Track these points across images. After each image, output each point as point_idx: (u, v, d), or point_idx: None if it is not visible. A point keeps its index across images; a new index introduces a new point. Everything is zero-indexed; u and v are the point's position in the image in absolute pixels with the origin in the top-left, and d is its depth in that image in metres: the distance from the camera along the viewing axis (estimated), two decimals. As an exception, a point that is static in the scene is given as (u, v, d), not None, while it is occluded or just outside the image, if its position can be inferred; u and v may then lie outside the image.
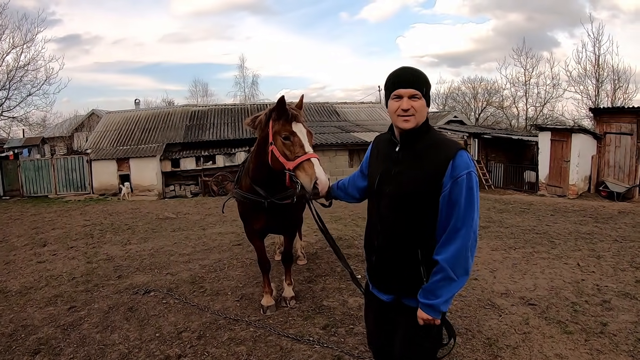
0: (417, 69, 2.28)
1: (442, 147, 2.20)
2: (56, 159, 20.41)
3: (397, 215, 2.28)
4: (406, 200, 2.23)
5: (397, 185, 2.26)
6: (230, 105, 26.87)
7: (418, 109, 2.21)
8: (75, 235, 9.75)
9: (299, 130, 3.44)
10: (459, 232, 2.10)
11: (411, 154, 2.27)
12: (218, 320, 4.51)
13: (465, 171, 2.10)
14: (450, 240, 2.11)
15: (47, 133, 33.85)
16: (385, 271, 2.38)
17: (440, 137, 2.30)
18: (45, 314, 4.88)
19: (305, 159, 3.23)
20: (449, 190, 2.11)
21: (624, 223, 9.61)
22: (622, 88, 30.13)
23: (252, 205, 4.24)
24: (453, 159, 2.12)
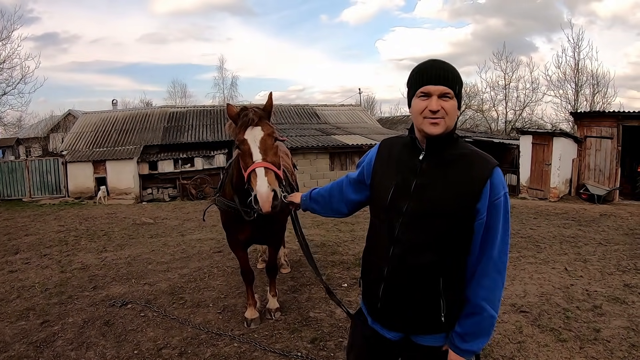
0: (450, 64, 1.90)
1: (476, 161, 1.85)
2: (30, 161, 19.89)
3: (417, 237, 1.87)
4: (433, 219, 1.84)
5: (420, 202, 1.87)
6: (209, 107, 26.59)
7: (449, 111, 1.82)
8: (49, 242, 9.41)
9: (250, 137, 3.07)
10: (497, 265, 1.82)
11: (438, 165, 1.89)
12: (200, 335, 4.29)
13: (502, 192, 1.81)
14: (488, 274, 1.82)
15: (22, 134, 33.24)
16: (396, 304, 1.94)
17: (472, 148, 1.93)
18: (17, 329, 4.61)
19: (252, 169, 2.92)
20: (487, 215, 1.79)
21: (607, 226, 9.70)
22: (600, 92, 30.73)
23: (236, 214, 3.92)
24: (491, 177, 1.80)
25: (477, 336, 1.84)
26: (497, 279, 1.82)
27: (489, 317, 1.82)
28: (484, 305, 1.81)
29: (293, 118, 24.71)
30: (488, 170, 1.80)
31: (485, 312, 1.81)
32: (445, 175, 1.86)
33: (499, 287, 1.83)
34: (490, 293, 1.82)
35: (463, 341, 1.84)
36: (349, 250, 7.30)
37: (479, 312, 1.82)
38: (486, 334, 1.86)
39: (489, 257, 1.81)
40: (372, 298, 2.03)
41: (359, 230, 8.73)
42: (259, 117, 3.17)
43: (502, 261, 1.82)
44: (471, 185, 1.80)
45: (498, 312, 1.86)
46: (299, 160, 17.78)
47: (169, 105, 34.04)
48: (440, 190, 1.84)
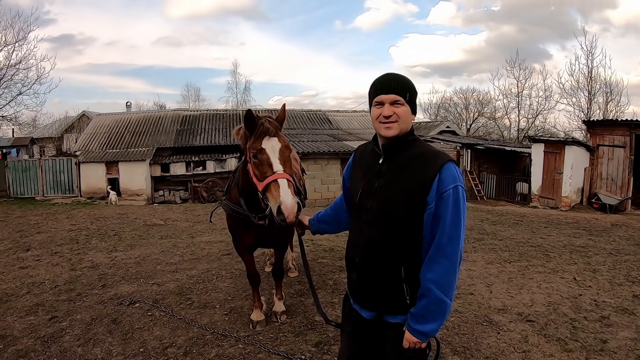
0: (401, 75, 2.16)
1: (428, 160, 2.06)
2: (44, 160, 20.16)
3: (379, 231, 2.13)
4: (389, 216, 2.09)
5: (380, 200, 2.13)
6: (222, 111, 26.78)
7: (401, 116, 2.08)
8: (60, 240, 9.51)
9: (269, 147, 3.11)
10: (445, 251, 1.97)
11: (395, 166, 2.14)
12: (205, 335, 4.32)
13: (452, 185, 1.97)
14: (437, 259, 1.98)
15: (36, 133, 33.59)
16: (366, 288, 2.22)
17: (427, 148, 2.15)
18: (26, 324, 4.67)
19: (272, 179, 2.94)
20: (435, 206, 1.98)
21: (618, 236, 9.59)
22: (614, 100, 30.43)
23: (242, 219, 3.97)
24: (440, 172, 1.99)
25: (427, 318, 2.00)
26: (445, 264, 1.97)
27: (437, 300, 1.97)
28: (432, 287, 1.97)
29: (305, 123, 24.76)
30: (438, 166, 1.99)
31: (432, 295, 1.97)
32: (401, 175, 2.10)
33: (448, 272, 1.97)
34: (439, 277, 1.97)
35: (416, 322, 2.02)
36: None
37: (427, 294, 1.99)
38: (436, 318, 2.01)
39: (438, 244, 1.97)
40: (350, 283, 2.35)
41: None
42: (275, 127, 3.22)
43: (452, 249, 1.97)
44: (422, 180, 2.00)
45: (451, 298, 2.00)
46: (311, 165, 17.82)
47: (182, 108, 34.32)
48: (396, 189, 2.08)
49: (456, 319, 4.69)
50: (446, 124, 32.41)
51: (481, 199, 19.83)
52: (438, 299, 1.97)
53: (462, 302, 5.18)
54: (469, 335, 4.33)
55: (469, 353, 3.98)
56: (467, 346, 4.09)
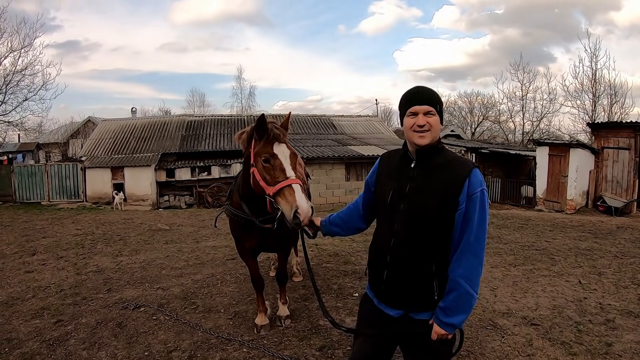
0: (431, 88, 2.34)
1: (457, 165, 2.26)
2: (50, 166, 20.26)
3: (412, 230, 2.28)
4: (422, 217, 2.25)
5: (413, 202, 2.29)
6: (227, 116, 26.84)
7: (433, 125, 2.26)
8: (65, 244, 9.57)
9: (280, 152, 3.18)
10: (473, 248, 2.17)
11: (426, 171, 2.31)
12: (210, 340, 4.33)
13: (479, 188, 2.18)
14: (465, 256, 2.17)
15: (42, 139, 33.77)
16: (397, 286, 2.34)
17: (453, 155, 2.36)
18: (31, 327, 4.71)
19: (286, 184, 2.97)
20: (465, 207, 2.17)
21: (624, 238, 9.55)
22: (618, 103, 30.27)
23: (244, 223, 4.01)
24: (469, 177, 2.18)
25: (456, 311, 2.18)
26: (473, 260, 2.17)
27: (466, 293, 2.16)
28: (461, 282, 2.15)
29: (310, 128, 24.77)
30: (467, 171, 2.20)
31: (461, 288, 2.15)
32: (432, 179, 2.27)
33: (475, 268, 2.18)
34: (467, 272, 2.16)
35: (445, 315, 2.18)
36: (361, 260, 7.28)
37: (456, 288, 2.17)
38: (465, 310, 2.20)
39: (467, 242, 2.17)
40: (378, 282, 2.43)
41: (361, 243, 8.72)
42: (284, 134, 3.30)
43: (479, 246, 2.18)
44: (454, 183, 2.20)
45: (477, 292, 2.19)
46: (315, 170, 17.82)
47: (187, 114, 34.37)
48: (428, 191, 2.25)
49: (460, 322, 4.68)
50: (451, 128, 32.46)
51: (486, 203, 19.75)
52: (467, 292, 2.15)
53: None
54: (473, 339, 4.32)
55: (473, 357, 3.98)
56: (471, 350, 4.09)
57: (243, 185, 3.75)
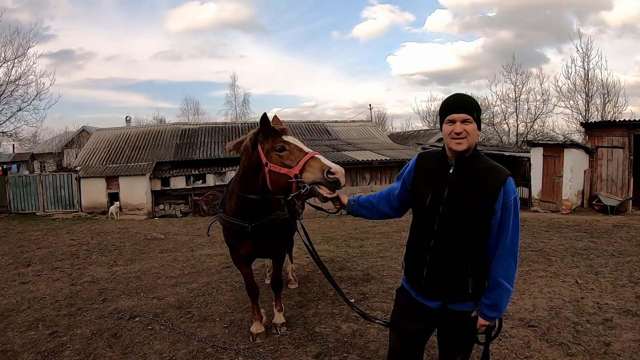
0: (469, 96, 2.52)
1: (494, 173, 2.43)
2: (44, 176, 20.14)
3: (450, 232, 2.45)
4: (460, 221, 2.42)
5: (452, 206, 2.44)
6: (221, 124, 26.76)
7: (470, 132, 2.39)
8: (60, 255, 9.53)
9: (291, 140, 3.35)
10: (510, 251, 2.40)
11: (465, 177, 2.46)
12: (205, 349, 4.30)
13: (513, 196, 2.37)
14: (503, 258, 2.40)
15: (37, 149, 33.65)
16: (436, 282, 2.54)
17: (490, 162, 2.51)
18: (26, 339, 4.68)
19: (309, 157, 3.07)
20: (501, 214, 2.36)
21: (620, 237, 9.57)
22: (611, 102, 30.34)
23: (238, 230, 4.06)
24: (504, 186, 2.36)
25: (499, 305, 2.46)
26: (510, 261, 2.42)
27: (506, 290, 2.43)
28: (501, 281, 2.41)
29: (304, 134, 24.67)
30: (502, 180, 2.38)
31: (504, 286, 2.42)
32: (470, 186, 2.43)
33: (512, 267, 2.44)
34: (506, 271, 2.42)
35: (490, 310, 2.46)
36: (357, 266, 7.27)
37: (498, 287, 2.43)
38: (505, 303, 2.49)
39: (503, 246, 2.39)
40: (417, 278, 2.62)
41: (368, 246, 8.70)
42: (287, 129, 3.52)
43: (514, 249, 2.42)
44: (490, 192, 2.37)
45: (513, 286, 2.48)
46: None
47: (182, 122, 34.32)
48: (466, 197, 2.42)
49: (457, 325, 4.66)
50: (445, 130, 32.37)
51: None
52: (507, 289, 2.43)
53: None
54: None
55: (471, 360, 3.96)
56: (468, 353, 4.06)
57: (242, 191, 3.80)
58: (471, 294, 2.48)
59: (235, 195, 3.95)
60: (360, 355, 4.08)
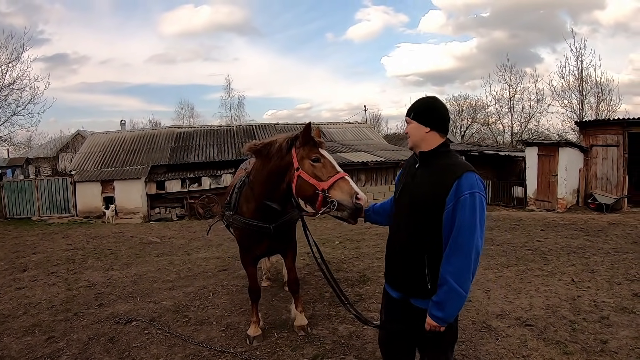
0: (421, 98, 2.69)
1: (452, 168, 2.44)
2: (39, 180, 20.06)
3: (408, 222, 2.58)
4: (415, 210, 2.53)
5: (411, 196, 2.58)
6: (216, 127, 26.74)
7: (409, 132, 2.65)
8: (56, 260, 9.48)
9: (326, 154, 3.51)
10: (460, 247, 2.31)
11: (426, 171, 2.56)
12: (202, 352, 4.29)
13: (468, 191, 2.32)
14: (453, 254, 2.33)
15: (31, 153, 33.55)
16: (396, 270, 2.66)
17: (455, 160, 2.53)
18: (23, 345, 4.66)
19: (339, 177, 3.24)
20: (452, 208, 2.34)
21: (615, 235, 9.57)
22: (605, 100, 30.60)
23: (256, 231, 4.15)
24: (459, 179, 2.36)
25: (443, 305, 2.35)
26: (460, 259, 2.31)
27: (453, 290, 2.31)
28: (448, 278, 2.32)
29: (299, 136, 24.63)
30: (458, 174, 2.38)
31: (448, 284, 2.32)
32: (429, 178, 2.51)
33: (463, 267, 2.31)
34: (456, 269, 2.32)
35: (435, 308, 2.38)
36: (353, 268, 7.26)
37: (444, 283, 2.34)
38: (452, 305, 2.35)
39: (455, 242, 2.32)
40: (386, 267, 2.79)
41: (364, 247, 8.69)
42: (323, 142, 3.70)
43: (467, 246, 2.30)
44: (443, 184, 2.39)
45: (466, 290, 2.34)
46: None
47: (177, 125, 34.29)
48: (423, 189, 2.51)
49: (454, 326, 4.66)
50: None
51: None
52: (454, 289, 2.31)
53: (460, 308, 5.15)
54: (467, 342, 4.30)
55: (468, 360, 3.96)
56: (465, 354, 4.07)
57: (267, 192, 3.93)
58: (430, 289, 2.45)
59: (255, 198, 4.06)
60: (358, 357, 4.08)
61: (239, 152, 21.88)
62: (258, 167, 4.02)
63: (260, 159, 3.96)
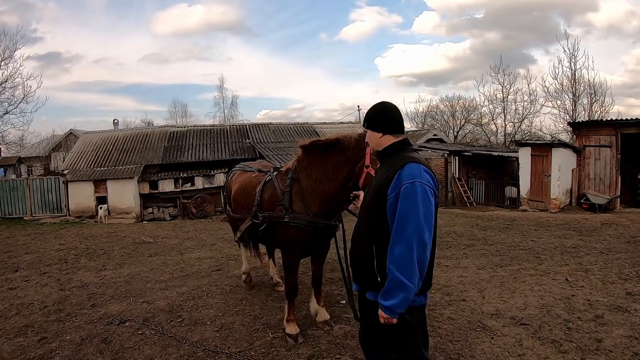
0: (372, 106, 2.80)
1: (397, 162, 2.49)
2: (32, 180, 19.91)
3: (361, 215, 2.80)
4: (365, 204, 2.73)
5: (366, 192, 2.81)
6: (210, 126, 26.65)
7: (368, 139, 2.88)
8: (49, 260, 9.39)
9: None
10: (401, 237, 2.31)
11: (382, 168, 2.68)
12: (197, 353, 4.26)
13: (408, 181, 2.35)
14: (395, 244, 2.34)
15: (24, 152, 33.36)
16: (352, 262, 2.77)
17: (402, 154, 2.57)
18: (15, 346, 4.60)
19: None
20: (394, 199, 2.39)
21: (608, 235, 9.64)
22: (598, 101, 30.77)
23: (321, 229, 4.27)
24: (400, 170, 2.41)
25: (389, 294, 2.35)
26: (402, 248, 2.31)
27: (395, 278, 2.31)
28: (391, 268, 2.33)
29: (293, 137, 24.54)
30: (400, 165, 2.43)
31: (391, 274, 2.33)
32: (379, 173, 2.67)
33: (406, 257, 2.30)
34: (396, 259, 2.32)
35: (382, 298, 2.39)
36: (348, 267, 7.23)
37: (388, 274, 2.36)
38: (396, 295, 2.33)
39: (396, 231, 2.35)
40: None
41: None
42: None
43: (407, 235, 2.30)
44: (386, 177, 2.48)
45: (412, 281, 2.30)
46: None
47: (170, 124, 34.19)
48: (374, 184, 2.69)
49: (449, 326, 4.67)
50: (433, 132, 32.53)
51: (470, 205, 19.90)
52: (396, 278, 2.30)
53: (454, 308, 5.17)
54: (462, 341, 4.30)
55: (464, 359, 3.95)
56: (461, 353, 4.07)
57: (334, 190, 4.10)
58: (380, 282, 2.46)
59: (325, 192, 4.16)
60: (353, 357, 4.06)
61: (232, 151, 21.83)
62: (319, 162, 4.16)
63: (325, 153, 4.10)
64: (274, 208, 4.39)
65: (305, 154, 4.33)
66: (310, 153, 4.27)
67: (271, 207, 4.43)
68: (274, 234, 4.50)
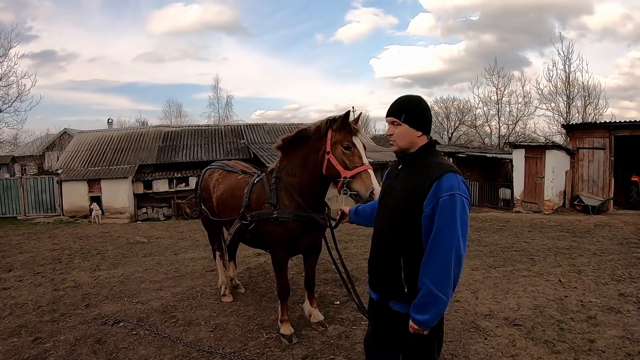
0: (405, 97, 2.54)
1: (433, 169, 2.31)
2: (26, 179, 19.85)
3: (386, 225, 2.52)
4: (394, 213, 2.45)
5: (392, 198, 2.50)
6: (204, 126, 26.69)
7: (397, 134, 2.48)
8: (42, 260, 9.34)
9: (358, 143, 3.68)
10: (439, 251, 2.20)
11: (408, 172, 2.46)
12: (191, 353, 4.25)
13: (447, 193, 2.20)
14: (431, 258, 2.22)
15: (17, 152, 33.17)
16: (374, 272, 2.61)
17: (437, 160, 2.41)
18: (9, 346, 4.57)
19: (363, 169, 3.53)
20: (431, 211, 2.24)
21: (601, 236, 9.70)
22: (592, 104, 30.92)
23: (306, 222, 4.20)
24: (438, 181, 2.24)
25: (423, 309, 2.26)
26: (439, 263, 2.21)
27: (431, 293, 2.21)
28: (426, 282, 2.22)
29: (287, 136, 24.61)
30: (438, 175, 2.26)
31: (426, 288, 2.22)
32: (409, 181, 2.42)
33: (441, 270, 2.20)
34: (433, 273, 2.22)
35: (415, 312, 2.29)
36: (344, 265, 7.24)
37: (422, 288, 2.25)
38: (431, 309, 2.25)
39: (434, 246, 2.22)
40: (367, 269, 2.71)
41: (352, 248, 8.67)
42: (359, 129, 3.84)
43: (445, 249, 2.19)
44: (421, 186, 2.29)
45: (447, 294, 2.22)
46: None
47: (164, 124, 34.13)
48: (402, 192, 2.43)
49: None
50: (428, 132, 32.57)
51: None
52: (432, 293, 2.21)
53: (448, 309, 5.13)
54: (456, 342, 4.32)
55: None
56: (454, 353, 4.08)
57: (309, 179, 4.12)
58: (407, 293, 2.36)
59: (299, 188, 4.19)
60: (347, 357, 4.07)
61: (226, 151, 21.83)
62: (292, 157, 4.23)
63: (295, 147, 4.18)
64: (262, 207, 4.38)
65: (282, 152, 4.39)
66: (285, 150, 4.33)
67: (259, 207, 4.42)
68: (261, 233, 4.46)
